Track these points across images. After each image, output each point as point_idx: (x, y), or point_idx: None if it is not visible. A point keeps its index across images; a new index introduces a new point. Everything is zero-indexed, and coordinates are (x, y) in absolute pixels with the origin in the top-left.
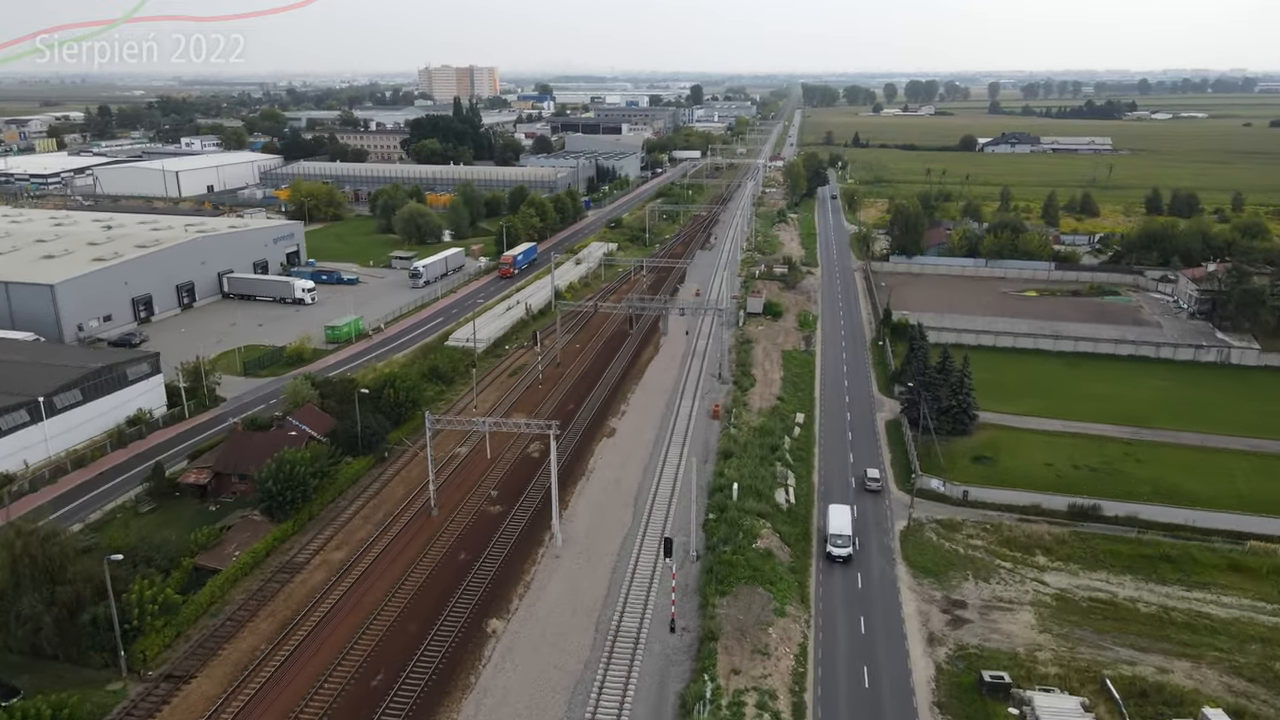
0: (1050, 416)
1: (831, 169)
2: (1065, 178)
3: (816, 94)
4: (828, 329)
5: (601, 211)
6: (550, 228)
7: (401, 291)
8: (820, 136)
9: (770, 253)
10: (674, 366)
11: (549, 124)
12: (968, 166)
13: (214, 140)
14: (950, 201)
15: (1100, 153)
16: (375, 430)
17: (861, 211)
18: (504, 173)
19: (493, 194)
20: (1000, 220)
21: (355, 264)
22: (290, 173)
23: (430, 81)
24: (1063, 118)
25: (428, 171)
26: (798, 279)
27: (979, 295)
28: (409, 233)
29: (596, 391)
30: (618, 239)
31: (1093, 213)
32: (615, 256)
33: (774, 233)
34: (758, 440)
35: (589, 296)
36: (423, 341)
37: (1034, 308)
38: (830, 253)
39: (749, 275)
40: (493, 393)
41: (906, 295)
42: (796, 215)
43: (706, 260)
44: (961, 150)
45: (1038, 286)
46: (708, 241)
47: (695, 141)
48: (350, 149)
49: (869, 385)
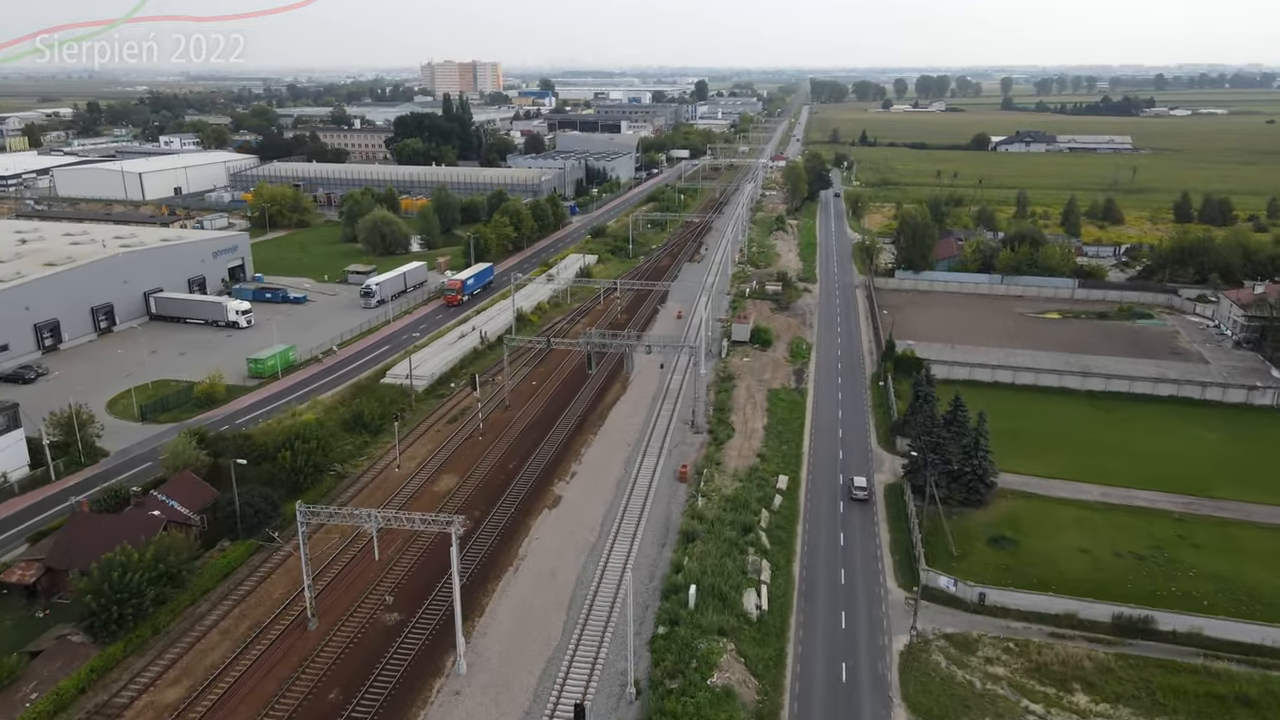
0: (1083, 479)
1: (837, 169)
2: (1085, 180)
3: (825, 90)
4: (823, 360)
5: (588, 217)
6: (527, 237)
7: (352, 312)
8: (827, 134)
9: (764, 266)
10: (642, 409)
11: (546, 121)
12: (980, 167)
13: (193, 139)
14: (962, 206)
15: (1120, 152)
16: (260, 508)
17: (867, 217)
18: (486, 175)
19: (470, 199)
20: (1018, 231)
21: (310, 279)
22: (262, 174)
23: (433, 77)
24: (1078, 114)
25: (405, 173)
26: (792, 298)
27: (994, 317)
28: (373, 243)
29: (546, 444)
30: (599, 250)
31: (1116, 220)
32: (592, 272)
33: (770, 242)
34: (729, 515)
35: (558, 319)
36: (360, 376)
37: (1056, 334)
38: (830, 266)
39: (738, 294)
40: (424, 445)
41: (913, 318)
42: (796, 221)
43: (694, 275)
44: (974, 149)
45: (1060, 307)
46: (698, 252)
47: (695, 140)
48: (330, 149)
49: (867, 436)
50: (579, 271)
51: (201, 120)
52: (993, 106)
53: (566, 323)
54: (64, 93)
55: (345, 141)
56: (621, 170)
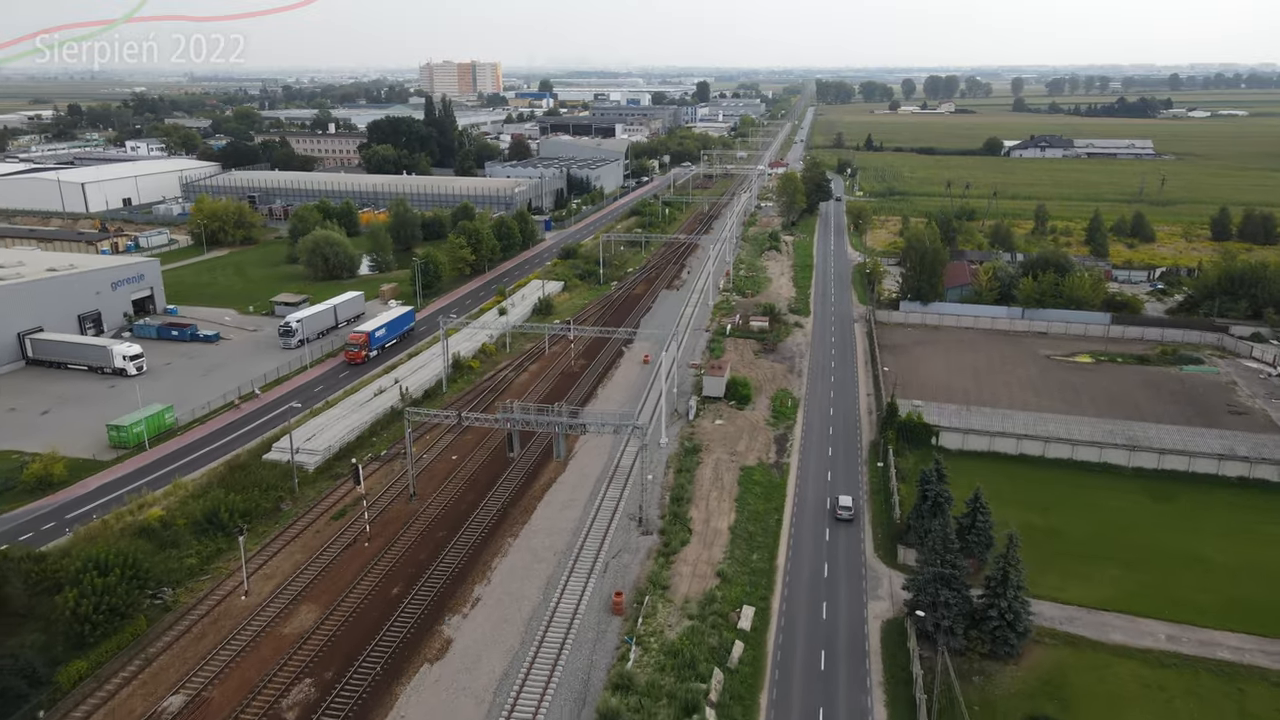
0: (1144, 610)
1: (840, 175)
2: (1107, 189)
3: (831, 90)
4: (812, 422)
5: (564, 233)
6: (489, 259)
7: (268, 354)
8: (831, 137)
9: (752, 294)
10: (581, 496)
11: (539, 124)
12: (993, 175)
13: (159, 144)
14: (974, 220)
15: (1142, 157)
16: (10, 686)
17: (870, 233)
18: (457, 185)
19: (435, 212)
20: (1039, 253)
21: (235, 310)
22: (217, 184)
23: (431, 78)
24: (1093, 115)
25: (370, 183)
26: (781, 337)
27: (1015, 362)
28: (315, 265)
29: (450, 554)
30: (567, 274)
31: (1147, 237)
32: (554, 303)
33: (761, 264)
34: (670, 678)
35: (504, 365)
36: (244, 448)
37: (1090, 383)
38: (827, 292)
39: (718, 331)
40: (291, 556)
41: (920, 363)
42: (793, 238)
43: (670, 306)
44: (986, 154)
45: (1091, 347)
46: (679, 276)
47: (690, 145)
48: (297, 156)
49: (861, 541)
50: (537, 304)
51: (176, 124)
52: (1003, 108)
53: (512, 369)
54: (63, 94)
55: (319, 147)
56: (608, 179)
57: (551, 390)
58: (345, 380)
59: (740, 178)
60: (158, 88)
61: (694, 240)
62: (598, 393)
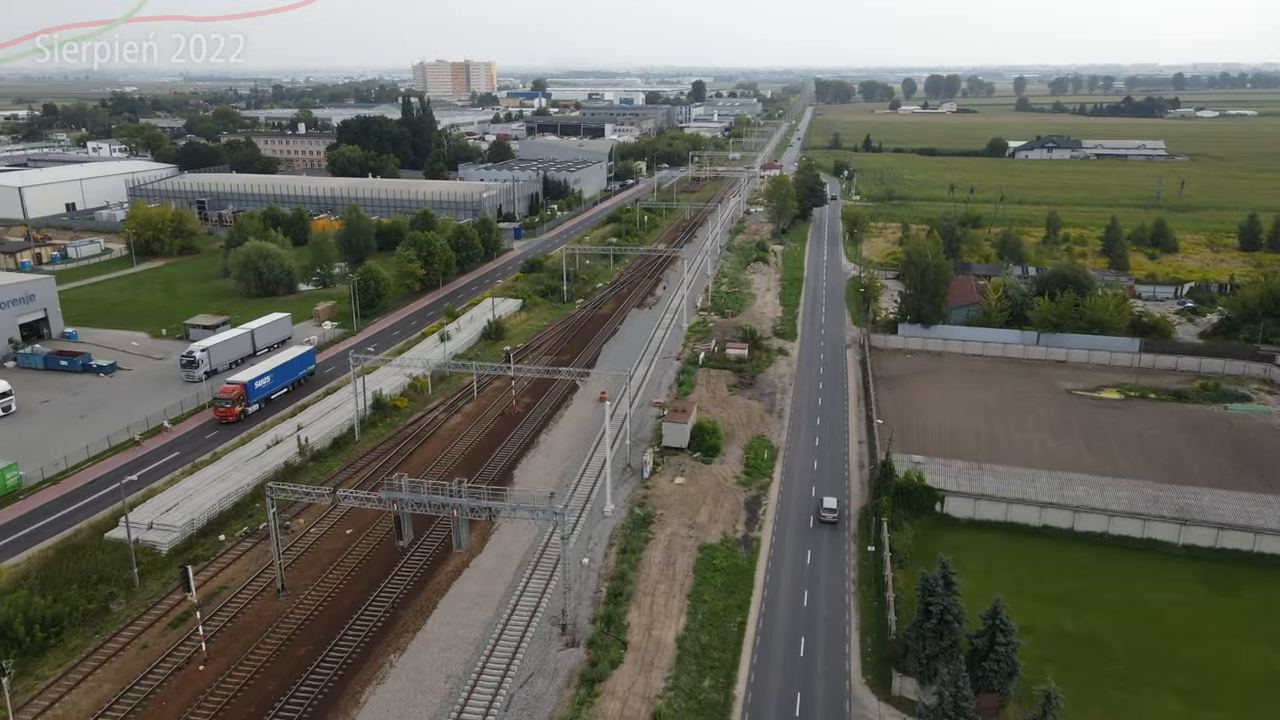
0: None
1: (836, 178)
2: (1120, 193)
3: (831, 90)
4: (792, 480)
5: (534, 242)
6: (443, 273)
7: (168, 389)
8: (829, 138)
9: (733, 313)
10: (496, 590)
11: (526, 124)
12: (998, 177)
13: (121, 145)
14: (979, 228)
15: (1154, 159)
16: None
17: (866, 242)
18: (421, 189)
19: (393, 220)
20: (1056, 268)
21: (147, 333)
22: (167, 188)
23: (424, 77)
24: (1098, 115)
25: (328, 187)
26: (762, 367)
27: (1032, 397)
28: (248, 280)
29: (307, 684)
30: (527, 291)
31: (1169, 247)
32: (505, 327)
33: (746, 277)
34: None
35: (436, 404)
36: (91, 518)
37: (1121, 425)
38: (817, 311)
39: (689, 360)
40: (93, 690)
41: (920, 399)
42: (783, 247)
43: (640, 328)
44: (990, 156)
45: (1118, 379)
46: (653, 293)
47: (680, 146)
48: (261, 158)
49: (846, 659)
50: (486, 327)
51: (149, 124)
52: (1006, 108)
53: (445, 409)
54: (56, 94)
55: (288, 149)
56: (589, 182)
57: (485, 438)
58: (238, 428)
59: (731, 181)
60: (150, 87)
61: (672, 253)
62: (540, 440)
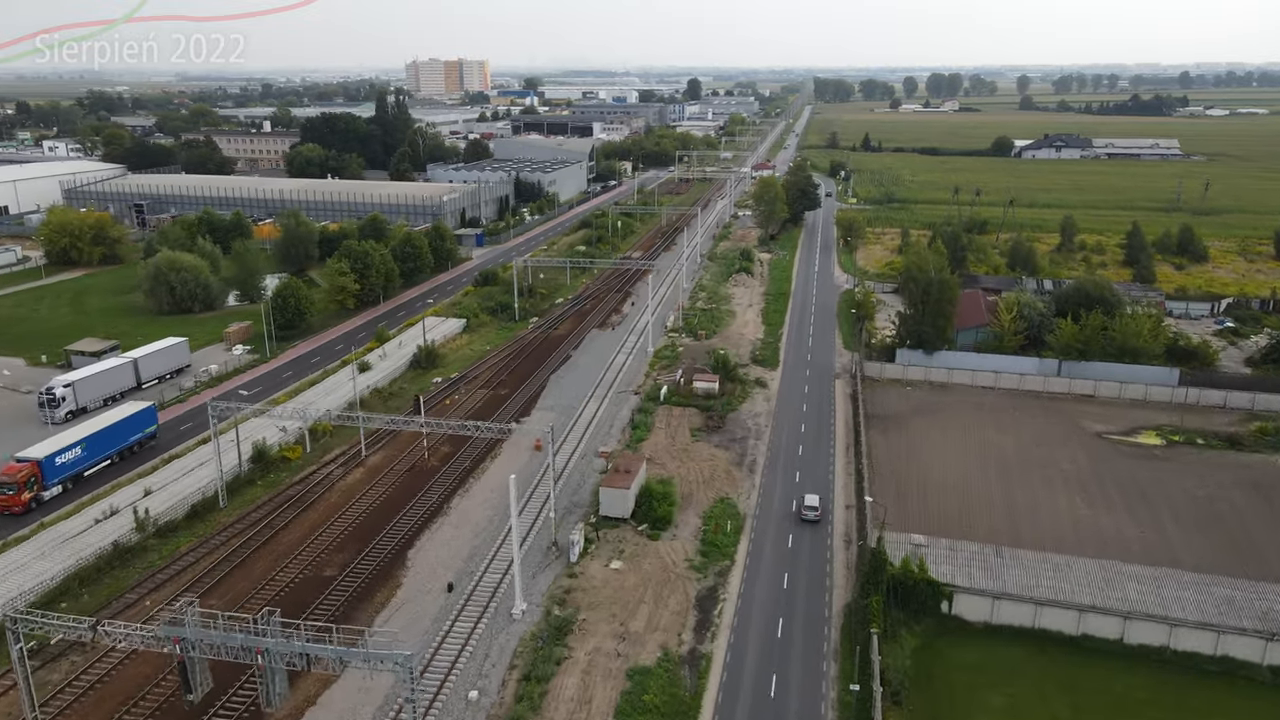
0: None
1: (832, 179)
2: (1137, 195)
3: (830, 88)
4: (761, 562)
5: (497, 250)
6: (383, 288)
7: (23, 432)
8: (826, 138)
9: (707, 334)
10: None
11: (512, 122)
12: (1005, 178)
13: (76, 145)
14: (987, 233)
15: (1169, 159)
16: None
17: (863, 249)
18: (378, 192)
19: (340, 226)
20: (1078, 282)
21: (25, 359)
22: (105, 190)
23: (417, 76)
24: (1105, 114)
25: (277, 189)
26: (735, 404)
27: (1056, 442)
28: (159, 296)
29: None
30: (475, 308)
31: (1198, 255)
32: (440, 355)
33: (727, 290)
34: None
35: (335, 456)
36: None
37: (1167, 482)
38: (804, 331)
39: (649, 395)
40: None
41: (922, 446)
42: (770, 255)
43: (598, 353)
44: (995, 155)
45: (1157, 420)
46: (619, 310)
47: (667, 145)
48: (218, 157)
49: None
50: (416, 353)
51: (118, 123)
52: (1010, 106)
53: (343, 463)
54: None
55: (253, 148)
56: (567, 183)
57: (385, 501)
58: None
59: (720, 182)
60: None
61: (643, 265)
62: (452, 505)
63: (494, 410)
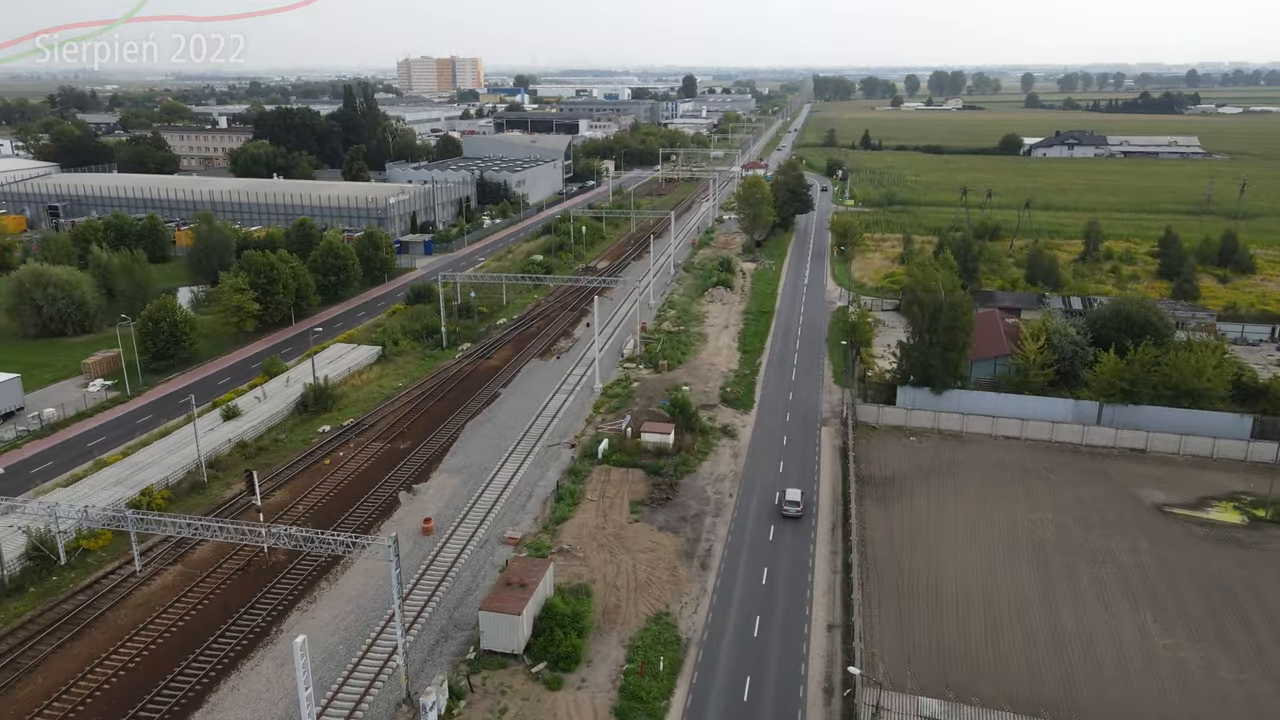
0: None
1: (829, 178)
2: (1160, 195)
3: (830, 86)
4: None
5: (447, 259)
6: (294, 306)
7: None
8: (823, 135)
9: (670, 364)
10: None
11: (494, 120)
12: (1015, 178)
13: (20, 144)
14: (999, 239)
15: (1190, 157)
16: None
17: (860, 258)
18: (320, 194)
19: (266, 231)
20: (1116, 305)
21: None
22: (18, 191)
23: (409, 74)
24: (1113, 112)
25: (207, 190)
26: (693, 463)
27: (1108, 527)
28: (23, 317)
29: None
30: (396, 332)
31: (1243, 266)
32: (335, 397)
33: (701, 308)
34: None
35: (151, 544)
36: None
37: (1261, 590)
38: (788, 359)
39: (587, 450)
40: None
41: (929, 533)
42: (755, 265)
43: (533, 390)
44: (1003, 154)
45: (1231, 484)
46: (569, 334)
47: (653, 143)
48: (159, 155)
49: None
50: (304, 393)
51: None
52: (1014, 105)
53: (166, 556)
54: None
55: (206, 145)
56: (539, 184)
57: (193, 623)
58: None
59: (708, 183)
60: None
61: (598, 284)
62: (284, 628)
63: (384, 473)
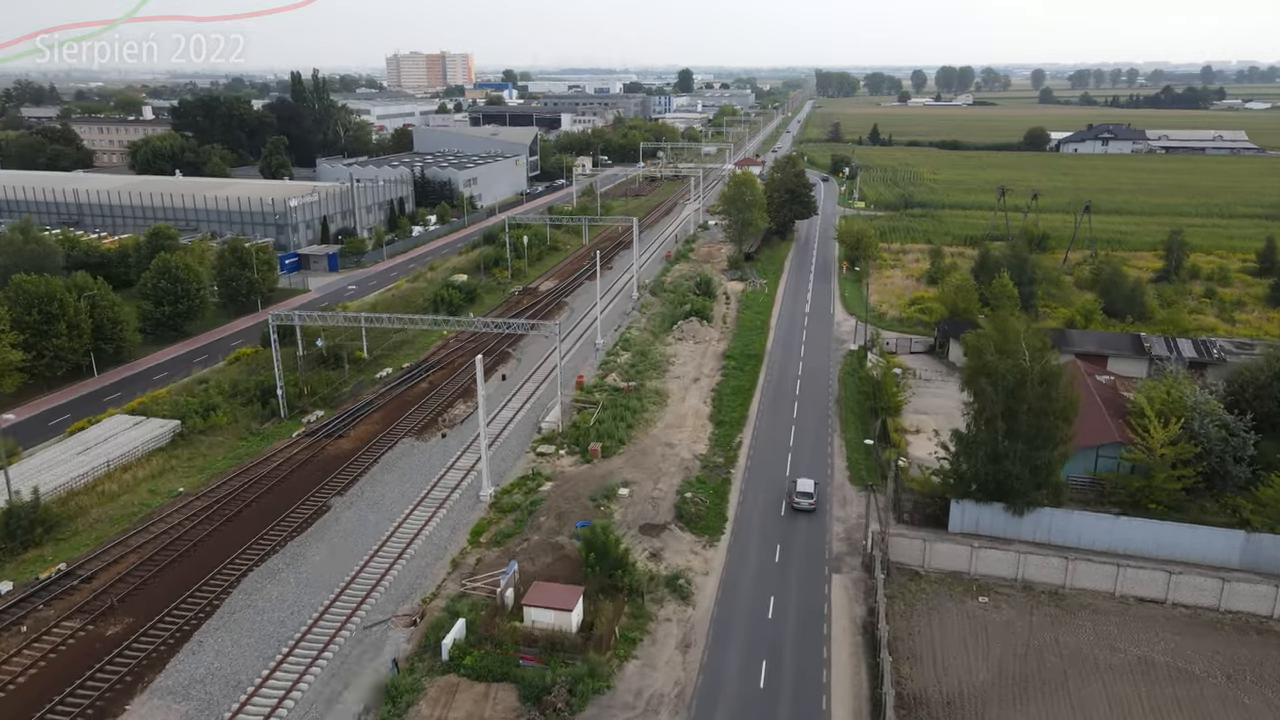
0: None
1: (834, 177)
2: (1227, 196)
3: (833, 82)
4: None
5: (352, 278)
6: (94, 349)
7: None
8: (826, 131)
9: (607, 447)
10: None
11: (470, 114)
12: (1047, 177)
13: None
14: (1050, 251)
15: (1240, 153)
16: None
17: (876, 277)
18: (208, 194)
19: (118, 243)
20: (1276, 359)
21: None
22: None
23: (399, 71)
24: (1133, 107)
25: (72, 188)
26: (603, 675)
27: None
28: None
29: None
30: (224, 392)
31: None
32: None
33: (666, 349)
34: None
35: None
36: None
37: None
38: (781, 436)
39: (430, 631)
40: None
41: None
42: (745, 284)
43: (385, 495)
44: (1028, 150)
45: None
46: (471, 394)
47: (636, 137)
48: (70, 150)
49: None
50: (6, 514)
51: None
52: (1028, 101)
53: None
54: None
55: (127, 138)
56: (496, 182)
57: None
58: None
59: (697, 180)
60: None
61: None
62: None
63: (49, 696)
